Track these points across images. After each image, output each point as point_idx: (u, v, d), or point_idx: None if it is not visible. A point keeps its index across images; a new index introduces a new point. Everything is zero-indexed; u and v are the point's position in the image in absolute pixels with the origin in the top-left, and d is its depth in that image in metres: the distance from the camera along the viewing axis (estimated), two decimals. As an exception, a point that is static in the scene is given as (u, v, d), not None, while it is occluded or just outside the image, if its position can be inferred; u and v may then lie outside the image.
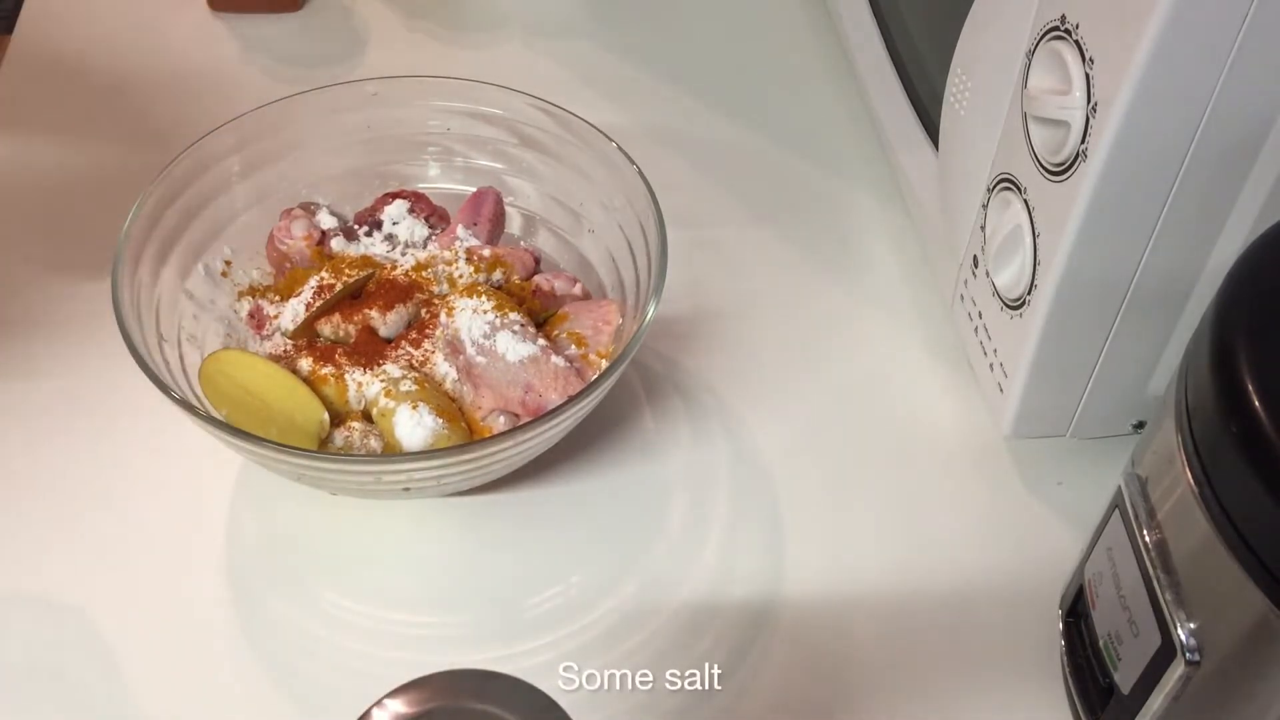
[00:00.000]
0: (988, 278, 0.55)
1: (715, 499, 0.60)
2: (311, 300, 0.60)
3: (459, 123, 0.66)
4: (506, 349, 0.57)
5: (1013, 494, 0.60)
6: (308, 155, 0.65)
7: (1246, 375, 0.37)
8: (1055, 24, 0.48)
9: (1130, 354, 0.53)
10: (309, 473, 0.53)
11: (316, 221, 0.64)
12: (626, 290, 0.61)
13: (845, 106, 0.78)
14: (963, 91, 0.57)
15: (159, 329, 0.57)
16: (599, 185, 0.63)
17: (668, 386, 0.64)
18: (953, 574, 0.57)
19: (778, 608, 0.55)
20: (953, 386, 0.63)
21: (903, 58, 0.70)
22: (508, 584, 0.57)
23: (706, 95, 0.80)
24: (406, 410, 0.54)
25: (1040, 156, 0.50)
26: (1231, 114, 0.44)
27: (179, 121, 0.74)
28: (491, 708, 0.36)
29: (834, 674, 0.53)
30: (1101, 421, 0.57)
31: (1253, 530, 0.38)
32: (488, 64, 0.81)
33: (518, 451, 0.54)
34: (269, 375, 0.57)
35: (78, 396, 0.63)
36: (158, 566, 0.57)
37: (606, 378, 0.53)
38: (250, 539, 0.58)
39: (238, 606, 0.56)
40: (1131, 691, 0.45)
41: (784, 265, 0.70)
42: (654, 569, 0.57)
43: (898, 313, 0.67)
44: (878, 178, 0.74)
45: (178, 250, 0.60)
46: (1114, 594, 0.46)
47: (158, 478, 0.60)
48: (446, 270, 0.61)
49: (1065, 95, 0.47)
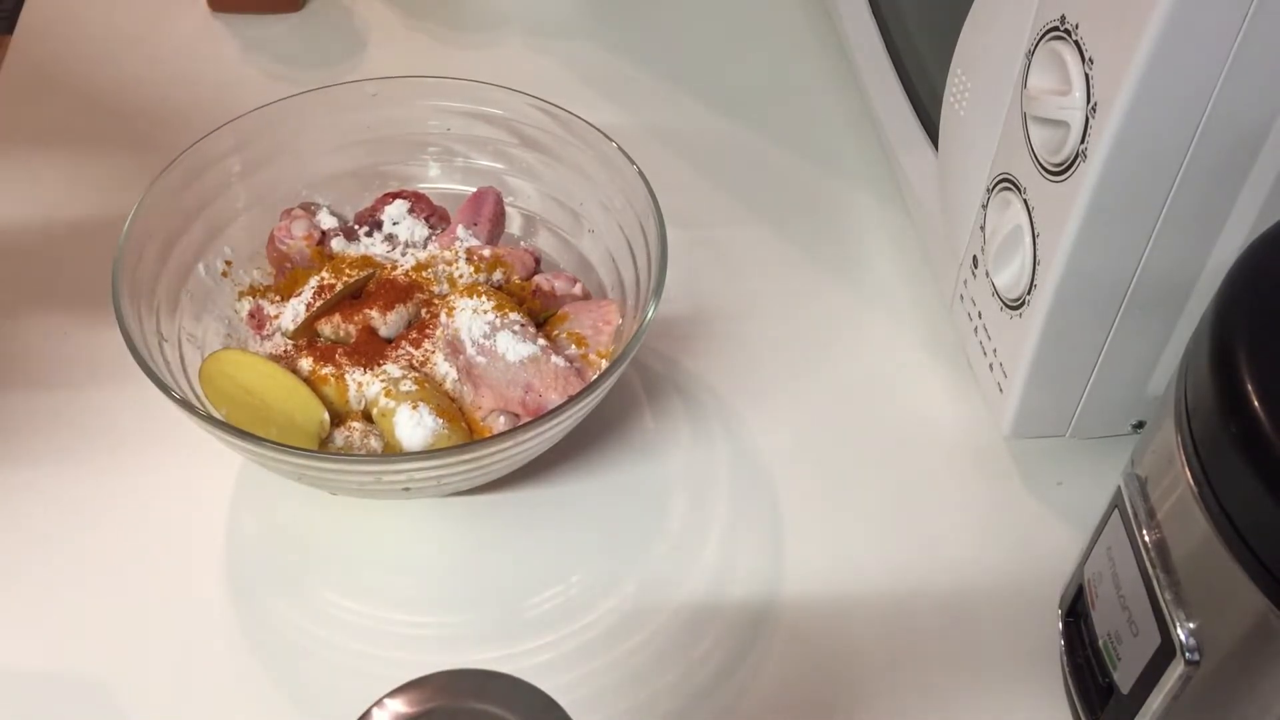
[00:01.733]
0: (987, 278, 0.55)
1: (715, 499, 0.60)
2: (311, 300, 0.60)
3: (459, 123, 0.66)
4: (506, 349, 0.57)
5: (1013, 494, 0.60)
6: (308, 155, 0.65)
7: (1246, 375, 0.37)
8: (1055, 24, 0.48)
9: (1130, 354, 0.53)
10: (309, 473, 0.53)
11: (317, 221, 0.64)
12: (626, 290, 0.61)
13: (845, 106, 0.78)
14: (962, 91, 0.57)
15: (159, 329, 0.57)
16: (599, 185, 0.63)
17: (668, 386, 0.64)
18: (952, 574, 0.57)
19: (778, 608, 0.55)
20: (953, 386, 0.63)
21: (903, 58, 0.70)
22: (508, 584, 0.57)
23: (706, 95, 0.80)
24: (406, 410, 0.54)
25: (1040, 156, 0.50)
26: (1231, 114, 0.44)
27: (179, 121, 0.74)
28: (491, 708, 0.36)
29: (834, 674, 0.53)
30: (1101, 421, 0.57)
31: (1252, 530, 0.38)
32: (488, 64, 0.81)
33: (518, 451, 0.54)
34: (269, 375, 0.57)
35: (77, 396, 0.63)
36: (158, 566, 0.57)
37: (606, 378, 0.53)
38: (250, 539, 0.58)
39: (238, 606, 0.56)
40: (1131, 691, 0.45)
41: (784, 265, 0.70)
42: (654, 569, 0.57)
43: (898, 313, 0.67)
44: (878, 178, 0.74)
45: (178, 250, 0.60)
46: (1113, 594, 0.46)
47: (158, 478, 0.60)
48: (446, 270, 0.61)
49: (1065, 95, 0.47)
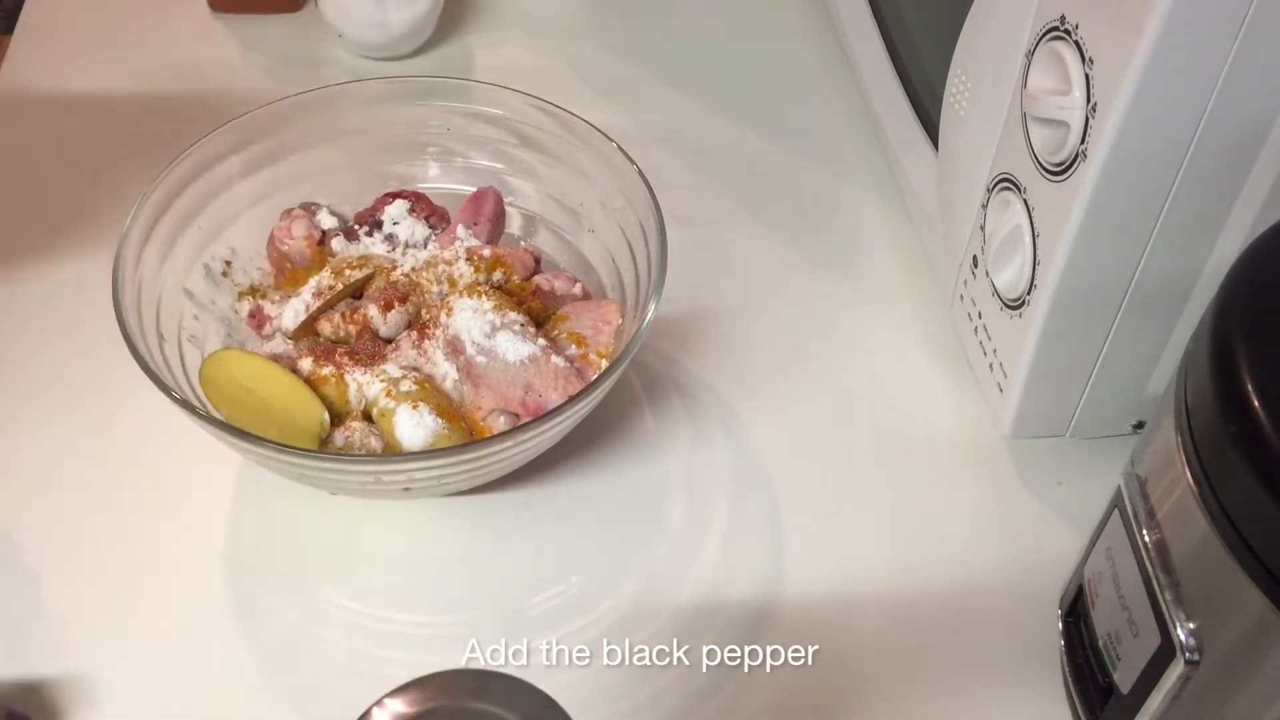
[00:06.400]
0: (987, 278, 0.55)
1: (715, 499, 0.60)
2: (311, 300, 0.60)
3: (459, 123, 0.66)
4: (507, 349, 0.57)
5: (1013, 494, 0.60)
6: (308, 155, 0.65)
7: (1246, 375, 0.37)
8: (1055, 24, 0.48)
9: (1130, 354, 0.53)
10: (309, 473, 0.54)
11: (317, 221, 0.64)
12: (626, 290, 0.61)
13: (845, 107, 0.78)
14: (962, 92, 0.57)
15: (159, 329, 0.57)
16: (599, 185, 0.63)
17: (668, 386, 0.64)
18: (952, 574, 0.57)
19: (778, 608, 0.55)
20: (953, 386, 0.63)
21: (903, 58, 0.70)
22: (508, 584, 0.57)
23: (707, 95, 0.80)
24: (407, 410, 0.54)
25: (1040, 156, 0.50)
26: (1231, 114, 0.44)
27: (179, 121, 0.74)
28: (491, 708, 0.36)
29: (834, 674, 0.53)
30: (1101, 421, 0.57)
31: (1252, 530, 0.38)
32: (488, 64, 0.82)
33: (518, 451, 0.54)
34: (269, 375, 0.57)
35: (78, 396, 0.63)
36: (158, 566, 0.57)
37: (606, 378, 0.53)
38: (250, 539, 0.58)
39: (238, 606, 0.56)
40: (1131, 691, 0.45)
41: (784, 265, 0.70)
42: (654, 569, 0.57)
43: (898, 313, 0.67)
44: (878, 178, 0.74)
45: (178, 250, 0.60)
46: (1113, 594, 0.46)
47: (157, 478, 0.60)
48: (446, 270, 0.61)
49: (1065, 95, 0.47)
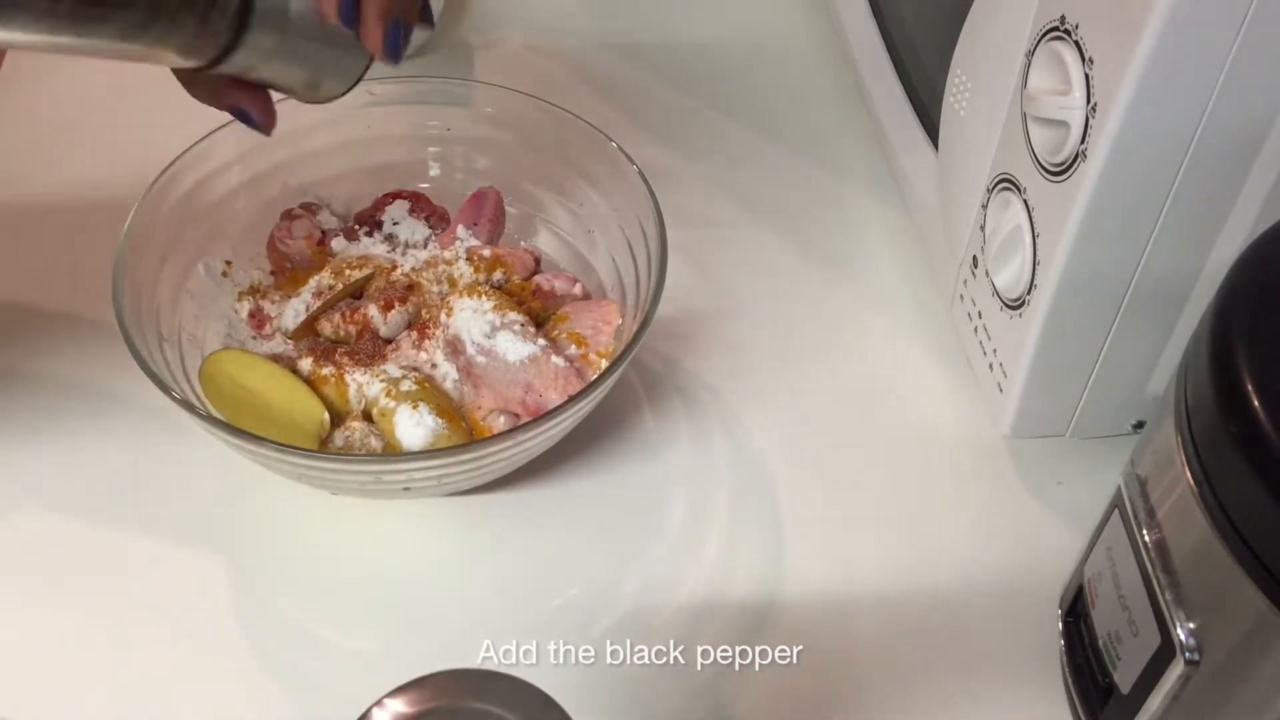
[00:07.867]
0: (987, 278, 0.55)
1: (715, 499, 0.60)
2: (311, 300, 0.60)
3: (459, 123, 0.66)
4: (507, 349, 0.57)
5: (1012, 494, 0.60)
6: (308, 155, 0.65)
7: (1246, 375, 0.37)
8: (1055, 24, 0.48)
9: (1130, 354, 0.53)
10: (309, 473, 0.54)
11: (317, 221, 0.64)
12: (626, 290, 0.61)
13: (845, 107, 0.78)
14: (962, 92, 0.57)
15: (159, 329, 0.57)
16: (599, 185, 0.63)
17: (668, 386, 0.64)
18: (952, 574, 0.57)
19: (778, 608, 0.55)
20: (953, 386, 0.63)
21: (903, 58, 0.70)
22: (508, 584, 0.57)
23: (706, 95, 0.80)
24: (407, 410, 0.54)
25: (1040, 157, 0.50)
26: (1231, 114, 0.44)
27: (179, 122, 0.74)
28: (491, 708, 0.36)
29: (833, 674, 0.53)
30: (1101, 421, 0.57)
31: (1252, 530, 0.38)
32: (488, 64, 0.82)
33: (518, 451, 0.54)
34: (269, 375, 0.57)
35: (78, 396, 0.63)
36: (157, 566, 0.57)
37: (606, 378, 0.53)
38: (250, 539, 0.58)
39: (238, 606, 0.56)
40: (1131, 691, 0.45)
41: (784, 265, 0.70)
42: (654, 569, 0.57)
43: (898, 313, 0.67)
44: (878, 178, 0.74)
45: (178, 250, 0.60)
46: (1113, 594, 0.46)
47: (157, 477, 0.60)
48: (446, 270, 0.61)
49: (1065, 95, 0.47)
